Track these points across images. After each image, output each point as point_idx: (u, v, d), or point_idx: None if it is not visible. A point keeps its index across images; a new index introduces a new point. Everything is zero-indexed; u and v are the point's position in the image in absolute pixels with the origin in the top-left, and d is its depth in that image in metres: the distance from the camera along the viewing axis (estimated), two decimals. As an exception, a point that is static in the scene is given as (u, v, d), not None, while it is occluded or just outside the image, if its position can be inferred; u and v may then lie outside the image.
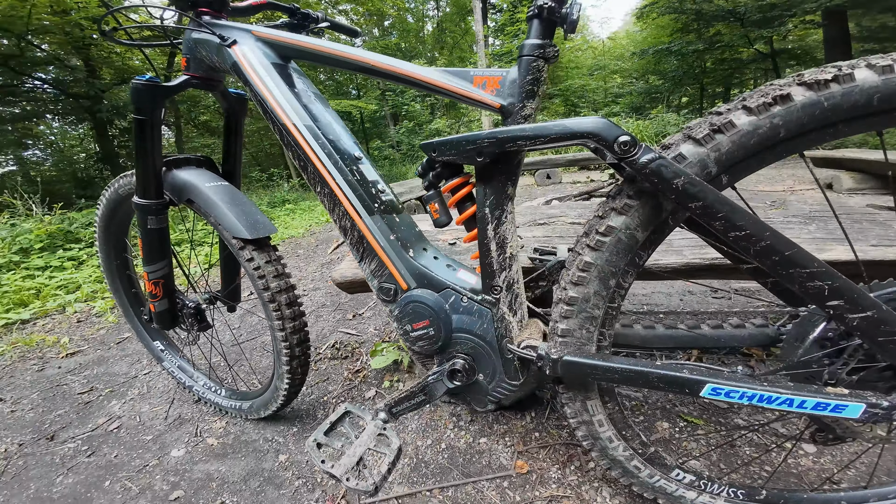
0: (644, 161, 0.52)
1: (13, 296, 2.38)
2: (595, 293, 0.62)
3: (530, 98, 0.65)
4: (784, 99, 0.49)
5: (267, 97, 0.81)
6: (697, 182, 0.50)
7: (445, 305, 0.76)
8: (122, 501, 0.94)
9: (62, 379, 1.54)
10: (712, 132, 0.51)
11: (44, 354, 1.76)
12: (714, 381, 0.57)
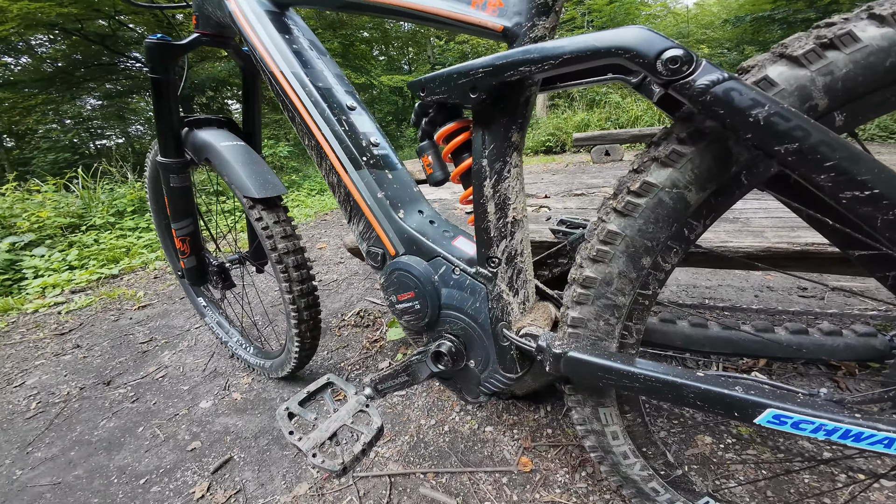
0: (704, 84, 0.36)
1: (108, 253, 2.72)
2: (620, 274, 0.47)
3: (542, 14, 0.50)
4: None
5: (256, 45, 0.76)
6: (793, 114, 0.34)
7: (434, 276, 0.66)
8: (147, 448, 1.01)
9: (130, 329, 1.71)
10: (821, 47, 0.35)
11: (121, 306, 1.98)
12: (779, 406, 0.42)
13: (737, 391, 0.44)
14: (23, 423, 1.14)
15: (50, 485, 0.91)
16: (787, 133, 0.34)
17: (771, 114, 0.34)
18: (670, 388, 0.46)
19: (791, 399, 0.43)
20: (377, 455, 0.90)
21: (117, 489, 0.88)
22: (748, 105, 0.35)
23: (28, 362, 1.49)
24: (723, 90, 0.35)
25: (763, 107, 0.34)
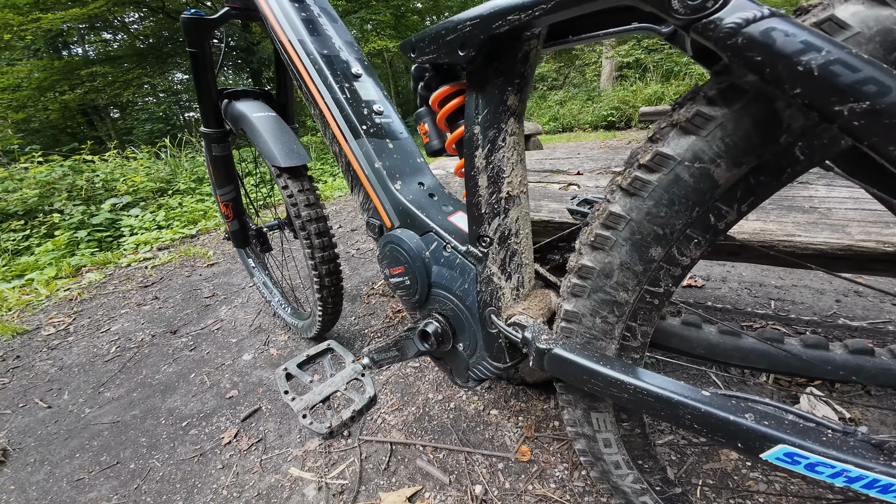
0: (735, 23, 0.26)
1: (189, 215, 3.03)
2: (622, 266, 0.40)
3: None
4: None
5: (266, 12, 0.75)
6: (865, 62, 0.24)
7: (425, 253, 0.63)
8: (194, 393, 1.13)
9: (199, 284, 1.91)
10: None
11: (194, 264, 2.21)
12: (794, 443, 0.34)
13: (745, 419, 0.36)
14: (101, 365, 1.33)
15: (110, 423, 1.06)
16: (853, 88, 0.24)
17: (831, 61, 0.24)
18: (665, 405, 0.39)
19: (813, 435, 0.34)
20: (384, 421, 0.92)
21: (162, 430, 1.01)
22: (797, 49, 0.25)
23: (115, 311, 1.73)
24: (761, 30, 0.26)
25: (820, 51, 0.24)
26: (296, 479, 0.82)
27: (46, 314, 1.79)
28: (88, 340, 1.50)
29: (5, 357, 1.45)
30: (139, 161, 3.74)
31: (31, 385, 1.25)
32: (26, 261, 2.44)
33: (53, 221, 2.75)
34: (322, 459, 0.85)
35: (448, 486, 0.75)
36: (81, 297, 1.94)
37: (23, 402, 1.17)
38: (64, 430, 1.04)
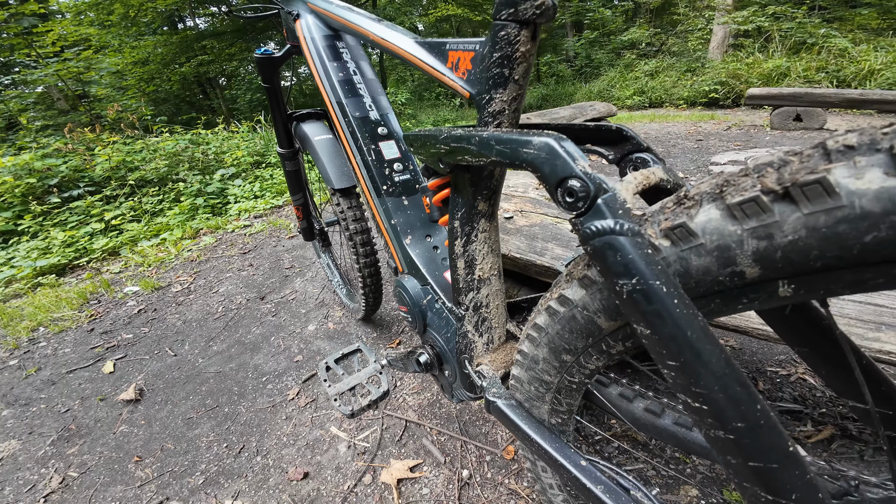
0: (589, 231, 0.32)
1: (277, 187, 3.42)
2: (545, 360, 0.49)
3: (499, 87, 0.47)
4: None
5: (314, 72, 0.86)
6: (660, 297, 0.29)
7: (423, 301, 0.75)
8: (273, 354, 1.41)
9: (281, 255, 2.24)
10: (766, 196, 0.26)
11: (279, 235, 2.56)
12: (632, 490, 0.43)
13: (598, 487, 0.44)
14: (211, 322, 1.69)
15: (214, 373, 1.38)
16: (644, 315, 0.30)
17: (634, 289, 0.30)
18: (554, 463, 0.48)
19: None
20: (404, 400, 1.10)
21: (248, 382, 1.30)
22: (619, 271, 0.31)
23: (222, 274, 2.12)
24: (601, 244, 0.32)
25: (631, 279, 0.30)
26: (334, 436, 1.04)
27: (175, 272, 2.25)
28: (203, 300, 1.89)
29: (147, 309, 1.89)
30: (239, 135, 4.23)
31: (163, 335, 1.64)
32: (160, 222, 3.01)
33: (179, 189, 3.30)
34: (354, 424, 1.06)
35: (442, 465, 0.91)
36: (199, 259, 2.38)
37: (157, 350, 1.55)
38: (183, 376, 1.38)
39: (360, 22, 0.69)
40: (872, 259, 0.23)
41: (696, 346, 0.29)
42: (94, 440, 1.14)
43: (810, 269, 0.26)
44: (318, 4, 0.80)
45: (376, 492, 0.88)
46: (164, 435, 1.13)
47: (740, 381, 0.28)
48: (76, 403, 1.29)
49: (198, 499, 0.92)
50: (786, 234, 0.25)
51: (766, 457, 0.28)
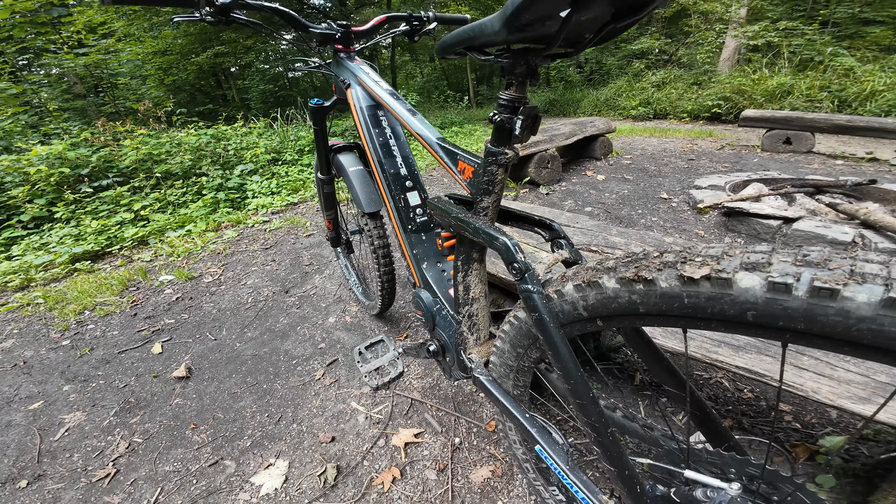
0: (522, 288, 0.58)
1: (293, 184, 3.62)
2: (508, 352, 0.74)
3: (486, 194, 0.70)
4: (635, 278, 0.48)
5: (361, 134, 1.08)
6: (544, 321, 0.55)
7: (434, 308, 0.98)
8: (300, 341, 1.64)
9: (300, 253, 2.46)
10: (587, 284, 0.52)
11: (297, 233, 2.77)
12: (542, 445, 0.67)
13: (533, 426, 0.68)
14: (243, 311, 1.92)
15: (251, 356, 1.61)
16: (540, 329, 0.55)
17: (537, 317, 0.54)
18: (511, 417, 0.73)
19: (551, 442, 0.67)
20: (410, 383, 1.34)
21: (280, 364, 1.53)
22: (532, 308, 0.55)
23: (248, 268, 2.34)
24: (526, 294, 0.56)
25: (535, 312, 0.55)
26: (353, 409, 1.28)
27: (204, 264, 2.47)
28: (234, 291, 2.11)
29: (183, 298, 2.11)
30: (255, 131, 4.40)
31: (202, 322, 1.87)
32: (185, 214, 3.21)
33: (202, 183, 3.49)
34: (370, 400, 1.30)
35: (439, 434, 1.15)
36: (225, 252, 2.60)
37: (198, 335, 1.78)
38: (225, 358, 1.61)
39: (400, 112, 0.90)
40: (651, 313, 0.47)
41: (558, 346, 0.53)
42: (153, 411, 1.37)
43: (609, 313, 0.50)
44: (368, 85, 1.01)
45: (388, 452, 1.12)
46: (213, 407, 1.36)
47: (574, 363, 0.53)
48: (132, 380, 1.52)
49: (247, 458, 1.16)
50: (591, 298, 0.50)
51: (579, 395, 0.53)
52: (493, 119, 0.63)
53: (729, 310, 0.39)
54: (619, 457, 0.53)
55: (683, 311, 0.43)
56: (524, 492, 0.96)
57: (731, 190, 2.59)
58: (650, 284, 0.45)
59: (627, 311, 0.48)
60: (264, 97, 7.75)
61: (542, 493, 0.86)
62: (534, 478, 0.86)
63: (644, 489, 0.54)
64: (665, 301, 0.44)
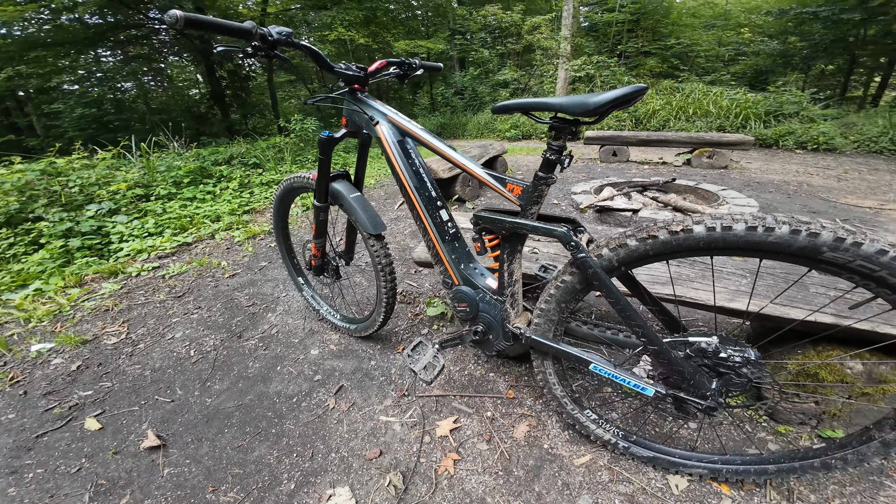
0: (579, 256, 0.87)
1: (178, 221, 3.08)
2: (553, 310, 1.01)
3: (535, 204, 0.98)
4: (648, 237, 0.82)
5: (395, 166, 1.20)
6: (599, 273, 0.85)
7: (476, 297, 1.19)
8: (288, 380, 1.55)
9: (231, 294, 2.19)
10: (617, 245, 0.85)
11: (214, 274, 2.42)
12: (595, 363, 0.98)
13: (583, 353, 0.99)
14: (191, 365, 1.64)
15: (235, 406, 1.44)
16: (596, 279, 0.86)
17: (592, 272, 0.85)
18: (561, 352, 1.02)
19: (602, 359, 0.99)
20: (427, 387, 1.47)
21: (280, 406, 1.43)
22: (586, 266, 0.86)
23: (166, 320, 1.97)
24: (581, 259, 0.86)
25: (589, 269, 0.85)
26: (385, 422, 1.33)
27: (91, 324, 1.94)
28: (161, 347, 1.77)
29: (89, 365, 1.66)
30: (100, 163, 3.50)
31: (137, 386, 1.53)
32: (21, 269, 2.39)
33: (40, 230, 2.63)
34: (397, 409, 1.38)
35: (472, 415, 1.33)
36: (117, 308, 2.09)
37: (143, 400, 1.46)
38: (200, 416, 1.39)
39: (441, 147, 1.10)
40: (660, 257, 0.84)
41: (609, 286, 0.86)
42: (142, 486, 1.12)
43: (630, 261, 0.85)
44: (400, 122, 1.16)
45: (437, 444, 1.24)
46: (223, 465, 1.20)
47: (619, 293, 0.87)
48: (84, 462, 1.19)
49: (300, 499, 1.10)
50: (621, 254, 0.85)
51: (627, 310, 0.88)
52: (545, 156, 0.93)
53: (692, 244, 0.77)
54: (655, 339, 0.87)
55: (670, 249, 0.79)
56: (559, 431, 1.24)
57: (595, 193, 3.51)
58: (654, 238, 0.81)
59: (640, 257, 0.83)
60: (82, 123, 6.02)
61: (578, 418, 1.15)
62: (572, 409, 1.15)
63: (673, 356, 0.89)
64: (662, 246, 0.80)
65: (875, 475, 1.01)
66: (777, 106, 6.37)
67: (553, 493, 1.06)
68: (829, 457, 0.85)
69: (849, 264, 0.67)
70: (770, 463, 0.93)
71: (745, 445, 1.16)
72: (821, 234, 0.67)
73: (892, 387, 0.99)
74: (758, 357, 0.83)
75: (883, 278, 0.66)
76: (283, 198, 1.67)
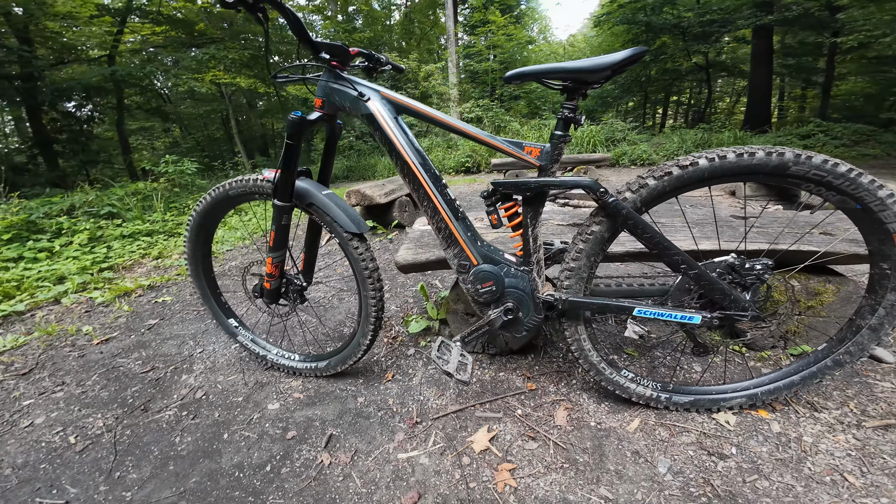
0: (609, 200, 0.86)
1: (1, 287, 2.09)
2: (583, 266, 0.97)
3: (555, 163, 0.95)
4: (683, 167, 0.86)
5: (396, 143, 1.02)
6: (634, 214, 0.86)
7: (500, 273, 1.06)
8: (248, 445, 1.10)
9: (113, 362, 1.52)
10: (637, 187, 0.88)
11: (73, 342, 1.67)
12: (639, 307, 0.97)
13: (623, 301, 0.97)
14: (76, 455, 1.05)
15: (175, 494, 0.95)
16: (629, 221, 0.87)
17: (626, 213, 0.87)
18: (603, 305, 0.98)
19: (644, 304, 0.99)
20: (436, 405, 1.22)
21: (248, 480, 0.99)
22: (618, 208, 0.86)
23: (15, 403, 1.25)
24: (613, 204, 0.86)
25: (622, 210, 0.86)
26: (407, 458, 1.04)
27: None
28: (17, 438, 1.12)
29: None
30: None
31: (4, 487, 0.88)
32: None
33: None
34: (415, 441, 1.09)
35: (503, 419, 1.15)
36: None
37: None
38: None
39: (451, 120, 1.00)
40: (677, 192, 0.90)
41: (642, 223, 0.88)
42: None
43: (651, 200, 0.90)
44: (396, 97, 1.00)
45: (479, 461, 1.01)
46: None
47: (654, 229, 0.90)
48: None
49: None
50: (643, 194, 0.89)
51: (662, 244, 0.92)
52: (560, 116, 0.92)
53: (699, 175, 0.85)
54: (692, 264, 0.91)
55: (682, 182, 0.86)
56: (596, 405, 1.15)
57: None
58: (669, 174, 0.86)
59: (659, 195, 0.88)
60: None
61: (618, 381, 1.08)
62: (610, 373, 1.08)
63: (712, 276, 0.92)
64: (676, 180, 0.86)
65: (858, 377, 1.20)
66: (611, 134, 8.29)
67: (630, 466, 0.95)
68: (835, 355, 0.98)
69: (807, 174, 0.82)
70: (794, 374, 1.03)
71: (748, 377, 1.27)
72: (785, 153, 0.82)
73: (825, 297, 1.24)
74: (772, 265, 0.93)
75: (829, 182, 0.82)
76: (208, 214, 1.27)
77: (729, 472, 0.92)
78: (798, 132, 8.10)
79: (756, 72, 9.94)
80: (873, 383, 1.17)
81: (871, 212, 0.83)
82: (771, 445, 0.98)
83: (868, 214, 0.84)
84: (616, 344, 1.44)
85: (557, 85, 0.93)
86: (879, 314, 0.91)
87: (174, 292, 2.29)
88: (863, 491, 0.85)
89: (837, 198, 0.85)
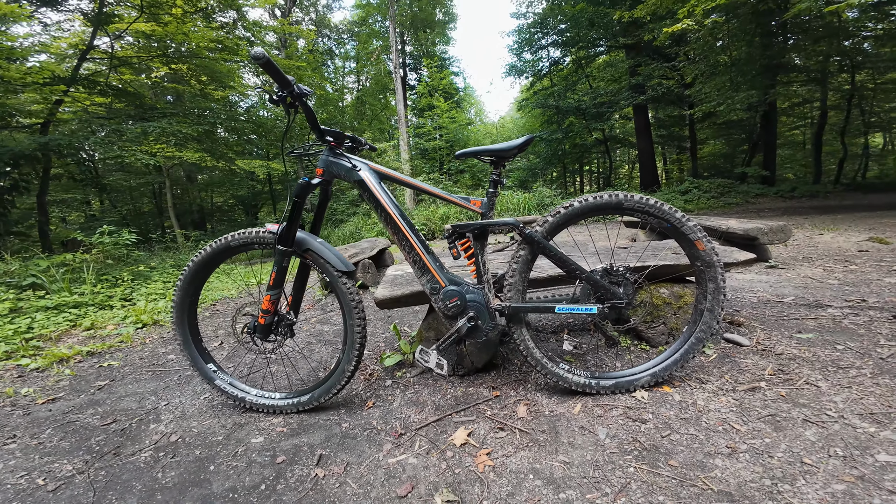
0: (528, 232, 1.22)
1: None
2: (518, 280, 1.29)
3: (490, 210, 1.31)
4: (566, 208, 1.26)
5: (381, 200, 1.32)
6: (542, 239, 1.22)
7: (463, 290, 1.32)
8: (238, 472, 1.11)
9: (66, 418, 1.42)
10: (544, 222, 1.26)
11: (14, 403, 1.50)
12: (561, 306, 1.28)
13: (548, 303, 1.29)
14: (51, 494, 0.98)
15: None
16: (538, 244, 1.25)
17: (539, 237, 1.24)
18: (534, 307, 1.28)
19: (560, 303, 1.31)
20: (417, 419, 1.34)
21: (245, 498, 1.01)
22: (533, 237, 1.24)
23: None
24: (528, 235, 1.24)
25: (536, 237, 1.23)
26: (397, 461, 1.14)
27: None
28: None
29: None
30: None
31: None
32: None
33: None
34: (402, 448, 1.20)
35: (476, 420, 1.31)
36: None
37: None
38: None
39: (419, 183, 1.34)
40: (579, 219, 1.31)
41: (551, 249, 1.25)
42: None
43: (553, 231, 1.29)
44: (379, 168, 1.33)
45: (461, 452, 1.14)
46: None
47: (559, 252, 1.27)
48: None
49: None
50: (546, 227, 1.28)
51: (566, 263, 1.29)
52: (490, 179, 1.32)
53: (586, 209, 1.25)
54: (584, 272, 1.25)
55: (568, 217, 1.26)
56: (547, 399, 1.37)
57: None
58: (559, 213, 1.26)
59: (556, 226, 1.26)
60: None
61: (557, 373, 1.33)
62: (551, 366, 1.33)
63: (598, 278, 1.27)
64: (564, 216, 1.25)
65: (729, 358, 1.59)
66: (540, 199, 9.37)
67: (578, 437, 1.17)
68: (695, 334, 1.35)
69: (633, 207, 1.27)
70: (675, 353, 1.37)
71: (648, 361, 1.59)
72: (619, 195, 1.27)
73: (686, 298, 1.68)
74: (631, 270, 1.34)
75: (648, 211, 1.28)
76: (206, 264, 1.41)
77: (650, 431, 1.18)
78: (678, 189, 10.09)
79: (640, 143, 12.33)
80: (739, 361, 1.56)
81: (677, 228, 1.28)
82: (676, 410, 1.27)
83: (676, 229, 1.29)
84: (559, 353, 1.72)
85: (487, 159, 1.33)
86: (708, 299, 1.33)
87: (119, 357, 2.13)
88: (747, 434, 1.15)
89: (656, 220, 1.29)
